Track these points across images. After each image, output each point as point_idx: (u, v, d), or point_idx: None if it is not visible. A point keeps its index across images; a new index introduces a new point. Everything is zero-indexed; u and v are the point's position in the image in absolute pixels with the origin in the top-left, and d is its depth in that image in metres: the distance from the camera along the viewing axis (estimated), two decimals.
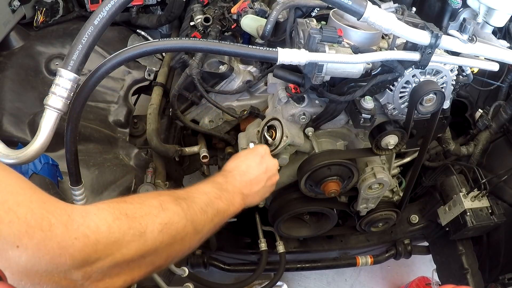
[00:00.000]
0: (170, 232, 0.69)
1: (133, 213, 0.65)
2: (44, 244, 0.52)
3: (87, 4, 1.67)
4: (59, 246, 0.53)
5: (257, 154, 1.06)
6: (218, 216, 0.84)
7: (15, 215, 0.51)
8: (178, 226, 0.71)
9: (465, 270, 1.69)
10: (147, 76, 1.65)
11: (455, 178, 1.66)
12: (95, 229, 0.58)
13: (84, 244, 0.56)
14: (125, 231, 0.62)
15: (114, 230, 0.61)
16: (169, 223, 0.70)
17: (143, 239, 0.64)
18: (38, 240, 0.51)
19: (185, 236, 0.73)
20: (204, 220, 0.79)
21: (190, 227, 0.74)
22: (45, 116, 0.79)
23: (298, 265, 1.87)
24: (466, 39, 0.94)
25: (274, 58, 0.89)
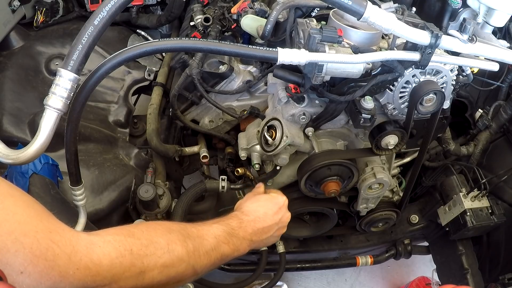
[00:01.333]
0: (169, 274, 0.72)
1: (138, 250, 0.68)
2: (47, 273, 0.55)
3: (87, 4, 1.67)
4: (61, 275, 0.56)
5: (276, 204, 1.10)
6: (220, 260, 0.87)
7: (21, 245, 0.53)
8: (179, 270, 0.74)
9: (465, 270, 1.69)
10: (147, 76, 1.65)
11: (455, 178, 1.66)
12: (97, 262, 0.61)
13: (84, 275, 0.58)
14: (126, 267, 0.65)
15: (116, 266, 0.63)
16: (170, 265, 0.72)
17: (141, 277, 0.67)
18: (41, 269, 0.54)
19: (182, 278, 0.76)
20: (206, 264, 0.81)
21: (190, 270, 0.77)
22: (45, 116, 0.79)
23: (298, 265, 1.87)
24: (466, 39, 0.94)
25: (274, 58, 0.89)
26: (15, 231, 0.53)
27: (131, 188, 1.34)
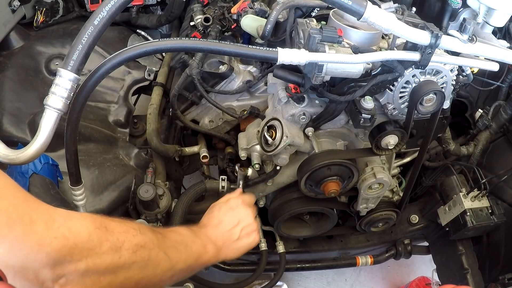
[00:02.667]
0: (143, 256, 0.71)
1: (113, 228, 0.67)
2: (23, 238, 0.52)
3: (87, 4, 1.67)
4: (37, 243, 0.54)
5: (229, 208, 1.09)
6: (191, 257, 0.86)
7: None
8: (152, 253, 0.73)
9: (465, 270, 1.69)
10: (147, 76, 1.65)
11: (455, 178, 1.66)
12: (75, 233, 0.59)
13: (62, 245, 0.57)
14: (102, 242, 0.63)
15: (93, 238, 0.62)
16: (144, 246, 0.71)
17: (117, 254, 0.66)
18: (17, 233, 0.52)
19: (158, 266, 0.75)
20: (177, 256, 0.81)
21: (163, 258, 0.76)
22: (45, 116, 0.79)
23: (298, 265, 1.87)
24: (466, 39, 0.94)
25: (274, 58, 0.89)
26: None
27: (131, 188, 1.34)
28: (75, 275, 0.59)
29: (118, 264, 0.66)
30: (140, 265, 0.71)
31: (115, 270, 0.66)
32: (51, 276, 0.57)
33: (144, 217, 1.33)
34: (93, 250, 0.61)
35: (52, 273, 0.56)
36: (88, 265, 0.61)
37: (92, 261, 0.61)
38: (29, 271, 0.55)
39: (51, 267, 0.56)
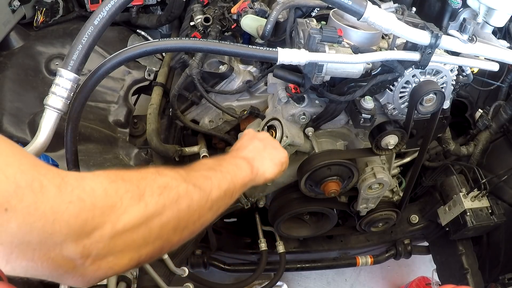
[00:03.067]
0: (171, 196, 0.62)
1: (129, 177, 0.59)
2: (35, 208, 0.47)
3: (87, 4, 1.67)
4: (52, 211, 0.48)
5: (243, 136, 1.04)
6: (224, 181, 0.76)
7: (3, 174, 0.46)
8: (180, 190, 0.64)
9: (465, 270, 1.69)
10: (147, 76, 1.65)
11: (455, 178, 1.66)
12: (90, 192, 0.52)
13: (79, 208, 0.50)
14: (122, 194, 0.56)
15: (111, 193, 0.55)
16: (168, 186, 0.63)
17: (143, 203, 0.58)
18: (28, 203, 0.46)
19: (191, 201, 0.66)
20: (208, 185, 0.71)
21: (194, 191, 0.67)
22: (45, 116, 0.79)
23: (298, 265, 1.87)
24: (466, 39, 0.94)
25: (274, 58, 0.89)
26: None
27: None
28: (104, 242, 0.53)
29: (147, 214, 0.58)
30: (172, 207, 0.62)
31: (146, 221, 0.58)
32: (78, 251, 0.51)
33: None
34: (114, 207, 0.54)
35: (77, 247, 0.50)
36: (115, 226, 0.54)
37: (118, 220, 0.54)
38: (50, 248, 0.49)
39: (74, 239, 0.50)
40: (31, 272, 0.50)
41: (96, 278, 0.55)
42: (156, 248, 0.61)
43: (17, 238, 0.46)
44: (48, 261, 0.50)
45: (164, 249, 0.63)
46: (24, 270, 0.49)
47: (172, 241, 0.64)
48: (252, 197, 1.50)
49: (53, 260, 0.50)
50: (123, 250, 0.56)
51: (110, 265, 0.55)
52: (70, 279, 0.54)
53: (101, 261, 0.54)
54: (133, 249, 0.57)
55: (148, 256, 0.60)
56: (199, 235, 1.51)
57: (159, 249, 0.62)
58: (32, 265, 0.49)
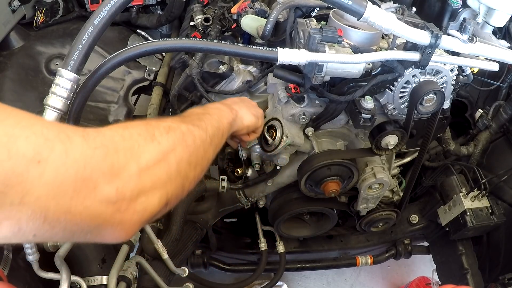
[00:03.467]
0: (177, 134, 0.68)
1: (136, 124, 0.64)
2: (66, 156, 0.49)
3: (87, 4, 1.67)
4: (82, 157, 0.51)
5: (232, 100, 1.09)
6: (214, 121, 0.83)
7: (31, 131, 0.47)
8: (182, 128, 0.70)
9: (465, 270, 1.69)
10: (147, 76, 1.65)
11: (455, 178, 1.66)
12: (110, 138, 0.56)
13: (105, 153, 0.54)
14: (136, 137, 0.60)
15: (127, 138, 0.59)
16: (171, 127, 0.68)
17: (156, 142, 0.63)
18: (59, 153, 0.48)
19: (194, 137, 0.72)
20: (203, 124, 0.78)
21: (193, 129, 0.73)
22: (45, 116, 0.79)
23: (298, 265, 1.87)
24: (466, 39, 0.94)
25: (274, 58, 0.89)
26: (22, 121, 0.48)
27: None
28: (133, 181, 0.56)
29: (162, 151, 0.63)
30: (181, 143, 0.68)
31: (164, 157, 0.62)
32: (112, 193, 0.53)
33: None
34: (133, 148, 0.58)
35: (111, 189, 0.53)
36: (138, 164, 0.57)
37: (139, 158, 0.58)
38: (86, 195, 0.51)
39: (107, 181, 0.53)
40: (69, 228, 0.51)
41: (134, 223, 0.57)
42: (179, 185, 0.66)
43: (53, 189, 0.48)
44: (86, 211, 0.51)
45: (185, 186, 0.68)
46: (63, 227, 0.50)
47: (189, 177, 0.69)
48: (252, 197, 1.50)
49: (90, 208, 0.51)
50: (152, 188, 0.59)
51: (144, 205, 0.58)
52: (110, 230, 0.56)
53: (135, 202, 0.56)
54: (160, 186, 0.61)
55: (174, 194, 0.64)
56: (199, 235, 1.51)
57: (181, 186, 0.66)
58: (70, 219, 0.50)
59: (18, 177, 0.45)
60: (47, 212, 0.48)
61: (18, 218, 0.46)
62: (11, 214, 0.46)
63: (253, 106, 1.11)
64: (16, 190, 0.45)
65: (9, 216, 0.45)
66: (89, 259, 1.14)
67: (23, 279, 1.01)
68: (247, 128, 1.05)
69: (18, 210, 0.46)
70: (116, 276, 1.05)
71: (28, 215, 0.46)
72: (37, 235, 0.49)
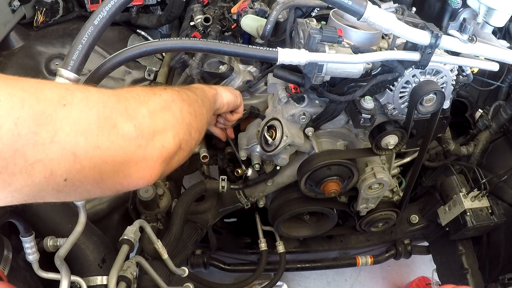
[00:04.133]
0: (173, 91, 0.75)
1: (136, 86, 0.71)
2: (87, 99, 0.55)
3: (87, 4, 1.67)
4: (100, 100, 0.57)
5: None
6: (198, 91, 0.89)
7: (53, 84, 0.53)
8: (174, 89, 0.77)
9: (465, 270, 1.69)
10: (147, 76, 1.65)
11: (455, 178, 1.66)
12: (119, 91, 0.63)
13: (117, 99, 0.60)
14: (139, 92, 0.67)
15: (132, 91, 0.66)
16: (166, 87, 0.76)
17: (157, 95, 0.69)
18: (80, 97, 0.54)
19: (189, 96, 0.79)
20: (191, 91, 0.83)
21: (186, 91, 0.80)
22: None
23: (298, 265, 1.87)
24: (466, 39, 0.94)
25: (274, 58, 0.89)
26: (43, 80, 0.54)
27: None
28: (146, 119, 0.63)
29: (164, 100, 0.70)
30: (177, 97, 0.74)
31: (167, 105, 0.70)
32: (131, 128, 0.60)
33: (144, 217, 1.33)
34: (139, 97, 0.65)
35: (130, 124, 0.60)
36: (147, 107, 0.64)
37: (146, 104, 0.65)
38: (110, 131, 0.56)
39: (124, 120, 0.59)
40: (99, 166, 0.55)
41: (156, 160, 0.63)
42: (186, 129, 0.72)
43: (80, 127, 0.52)
44: (112, 146, 0.56)
45: (192, 134, 0.74)
46: (93, 166, 0.54)
47: (193, 126, 0.75)
48: (252, 197, 1.50)
49: (115, 143, 0.57)
50: (164, 129, 0.66)
51: (161, 143, 0.64)
52: (135, 167, 0.61)
53: (152, 140, 0.63)
54: (171, 127, 0.67)
55: (184, 138, 0.71)
56: (199, 235, 1.51)
57: (188, 132, 0.73)
58: (99, 155, 0.54)
59: (47, 118, 0.49)
60: (77, 148, 0.51)
61: (50, 158, 0.49)
62: (44, 153, 0.48)
63: (230, 87, 1.19)
64: (47, 129, 0.48)
65: (42, 156, 0.48)
66: (89, 259, 1.13)
67: (23, 279, 1.01)
68: (227, 105, 1.10)
69: (50, 149, 0.49)
70: (116, 276, 1.05)
71: (60, 154, 0.50)
72: (68, 179, 0.52)
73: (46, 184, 0.50)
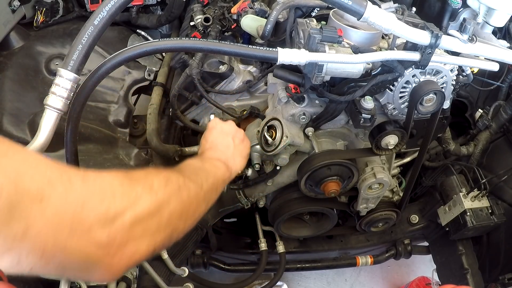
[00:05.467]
0: (174, 186, 0.71)
1: (136, 172, 0.67)
2: (66, 196, 0.53)
3: (87, 4, 1.67)
4: (81, 199, 0.54)
5: (210, 129, 1.12)
6: (210, 176, 0.87)
7: (36, 170, 0.51)
8: (179, 181, 0.73)
9: (465, 270, 1.69)
10: (147, 76, 1.64)
11: (455, 178, 1.66)
12: (109, 184, 0.59)
13: (102, 197, 0.57)
14: (135, 186, 0.63)
15: (125, 185, 0.61)
16: (170, 179, 0.71)
17: (153, 192, 0.65)
18: (60, 192, 0.52)
19: (189, 191, 0.74)
20: (199, 179, 0.81)
21: (189, 183, 0.76)
22: (45, 116, 0.79)
23: (298, 265, 1.87)
24: (466, 39, 0.94)
25: (274, 58, 0.89)
26: (28, 159, 0.52)
27: None
28: (125, 229, 0.59)
29: (158, 202, 0.65)
30: (176, 196, 0.70)
31: (158, 209, 0.65)
32: (104, 236, 0.56)
33: None
34: (130, 196, 0.61)
35: (103, 232, 0.56)
36: (134, 211, 0.60)
37: (135, 207, 0.60)
38: (81, 235, 0.54)
39: (101, 225, 0.55)
40: (62, 264, 0.54)
41: (121, 268, 0.60)
42: (167, 235, 0.68)
43: (52, 226, 0.51)
44: (79, 250, 0.54)
45: (173, 237, 0.70)
46: (57, 263, 0.54)
47: (179, 229, 0.71)
48: (252, 197, 1.50)
49: (83, 248, 0.54)
50: (141, 236, 0.62)
51: (132, 252, 0.60)
52: (98, 271, 0.58)
53: (124, 248, 0.59)
54: (149, 236, 0.63)
55: (161, 243, 0.67)
56: (199, 235, 1.51)
57: (169, 236, 0.69)
58: (64, 256, 0.53)
59: (22, 212, 0.48)
60: (45, 248, 0.51)
61: (19, 252, 0.49)
62: (13, 246, 0.49)
63: (244, 146, 1.12)
64: (20, 224, 0.48)
65: (11, 248, 0.48)
66: None
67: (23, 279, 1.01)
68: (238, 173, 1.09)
69: (20, 243, 0.49)
70: None
71: (28, 250, 0.50)
72: (33, 269, 0.52)
73: (12, 269, 0.51)
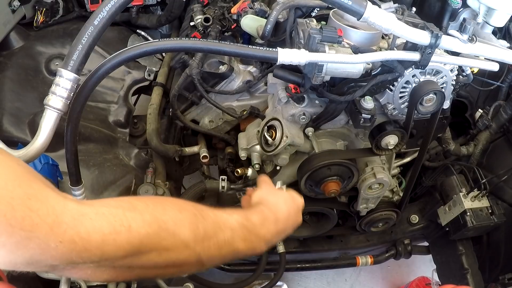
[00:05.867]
0: (169, 258, 0.63)
1: (138, 227, 0.57)
2: (24, 244, 0.48)
3: (87, 4, 1.67)
4: (40, 248, 0.49)
5: (297, 205, 1.02)
6: (232, 255, 0.76)
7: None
8: (180, 256, 0.65)
9: (465, 270, 1.69)
10: (147, 76, 1.65)
11: (455, 178, 1.66)
12: (85, 237, 0.52)
13: (69, 249, 0.51)
14: (120, 246, 0.55)
15: (108, 243, 0.54)
16: (172, 250, 0.63)
17: (136, 258, 0.58)
18: (17, 240, 0.47)
19: (183, 265, 0.67)
20: (214, 256, 0.71)
21: (194, 259, 0.67)
22: (45, 116, 0.79)
23: (298, 265, 1.87)
24: (466, 39, 0.94)
25: (274, 58, 0.89)
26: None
27: (131, 188, 1.34)
28: (88, 267, 0.56)
29: (136, 265, 0.60)
30: (162, 265, 0.63)
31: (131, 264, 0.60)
32: (62, 267, 0.54)
33: None
34: (107, 253, 0.54)
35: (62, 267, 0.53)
36: (100, 262, 0.55)
37: (107, 262, 0.56)
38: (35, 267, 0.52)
39: (60, 265, 0.53)
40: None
41: None
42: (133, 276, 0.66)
43: (4, 264, 0.49)
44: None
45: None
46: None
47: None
48: None
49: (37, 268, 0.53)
50: (103, 273, 0.60)
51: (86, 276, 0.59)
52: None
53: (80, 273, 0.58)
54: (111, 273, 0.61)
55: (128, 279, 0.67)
56: None
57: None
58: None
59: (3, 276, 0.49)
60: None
61: None
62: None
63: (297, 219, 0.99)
64: None
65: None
66: None
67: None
68: None
69: None
70: None
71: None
72: None
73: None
